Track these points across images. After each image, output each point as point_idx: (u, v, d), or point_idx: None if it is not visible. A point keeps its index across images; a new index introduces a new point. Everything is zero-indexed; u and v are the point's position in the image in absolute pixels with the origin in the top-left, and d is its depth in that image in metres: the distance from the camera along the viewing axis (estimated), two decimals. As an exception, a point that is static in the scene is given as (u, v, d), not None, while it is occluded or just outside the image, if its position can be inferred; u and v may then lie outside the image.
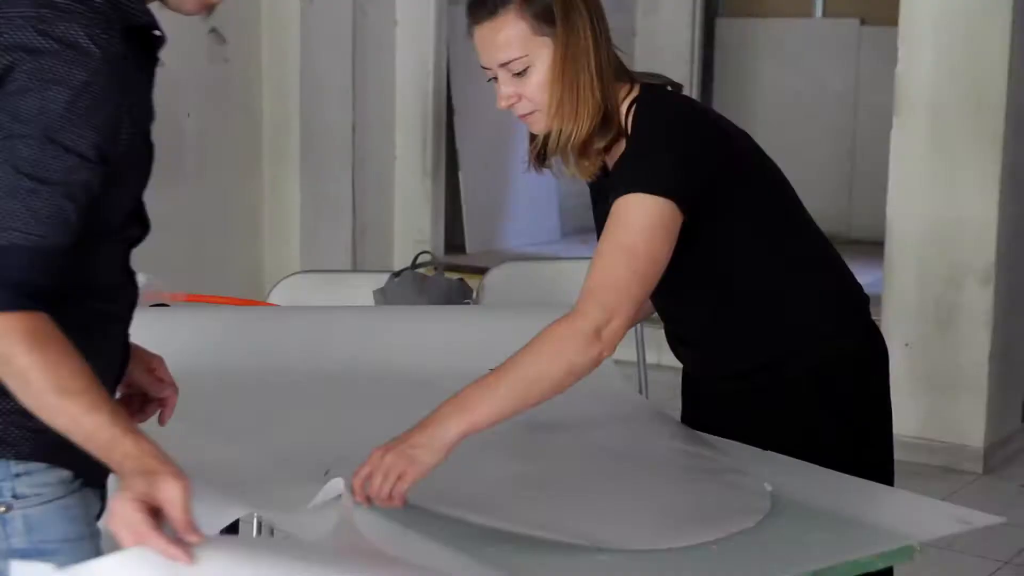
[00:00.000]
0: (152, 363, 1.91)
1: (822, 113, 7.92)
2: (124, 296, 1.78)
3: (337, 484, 1.76)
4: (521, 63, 1.99)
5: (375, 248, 6.57)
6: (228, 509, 1.81)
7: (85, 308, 1.67)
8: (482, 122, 7.08)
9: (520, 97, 2.02)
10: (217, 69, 5.71)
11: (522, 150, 2.13)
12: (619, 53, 2.08)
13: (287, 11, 5.87)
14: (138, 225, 1.78)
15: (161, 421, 1.90)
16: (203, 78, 5.63)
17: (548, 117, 2.01)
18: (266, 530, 2.40)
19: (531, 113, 2.03)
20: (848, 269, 2.27)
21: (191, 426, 2.06)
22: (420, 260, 3.73)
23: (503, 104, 2.04)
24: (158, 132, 1.73)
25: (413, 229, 6.73)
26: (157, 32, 1.69)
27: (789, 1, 8.24)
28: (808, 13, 8.20)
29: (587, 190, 2.22)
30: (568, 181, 2.25)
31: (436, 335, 2.67)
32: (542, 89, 1.99)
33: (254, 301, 3.54)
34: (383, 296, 3.30)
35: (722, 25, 8.26)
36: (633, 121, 2.02)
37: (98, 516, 1.78)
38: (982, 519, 1.78)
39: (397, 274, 3.36)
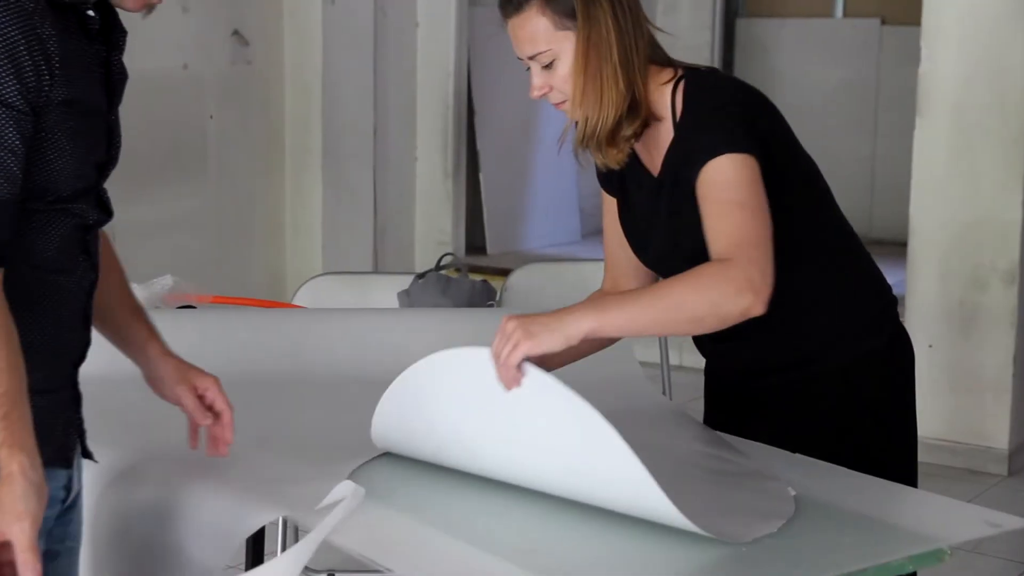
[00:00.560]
0: (203, 385, 1.93)
1: (843, 113, 7.90)
2: (80, 275, 1.78)
3: (346, 486, 1.78)
4: (547, 56, 2.04)
5: (396, 249, 6.59)
6: (256, 515, 1.82)
7: (30, 271, 1.68)
8: (502, 123, 7.09)
9: (551, 87, 2.07)
10: (239, 71, 5.73)
11: (542, 151, 2.17)
12: (658, 32, 2.12)
13: (309, 13, 5.90)
14: (97, 209, 1.77)
15: (218, 451, 1.94)
16: (226, 80, 5.65)
17: (574, 107, 2.05)
18: (291, 531, 2.41)
19: (563, 102, 2.08)
20: (878, 269, 2.26)
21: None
22: (444, 262, 3.73)
23: (535, 94, 2.09)
24: (181, 134, 1.77)
25: (434, 230, 6.74)
26: (91, 13, 1.71)
27: (809, 1, 8.23)
28: (828, 13, 8.19)
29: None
30: (589, 181, 2.27)
31: (462, 338, 2.67)
32: (568, 80, 2.04)
33: (280, 303, 3.55)
34: (407, 297, 3.31)
35: (742, 25, 8.25)
36: (684, 97, 2.05)
37: (64, 500, 1.79)
38: (1011, 522, 1.77)
39: (421, 276, 3.37)
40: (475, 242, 7.05)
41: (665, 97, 2.07)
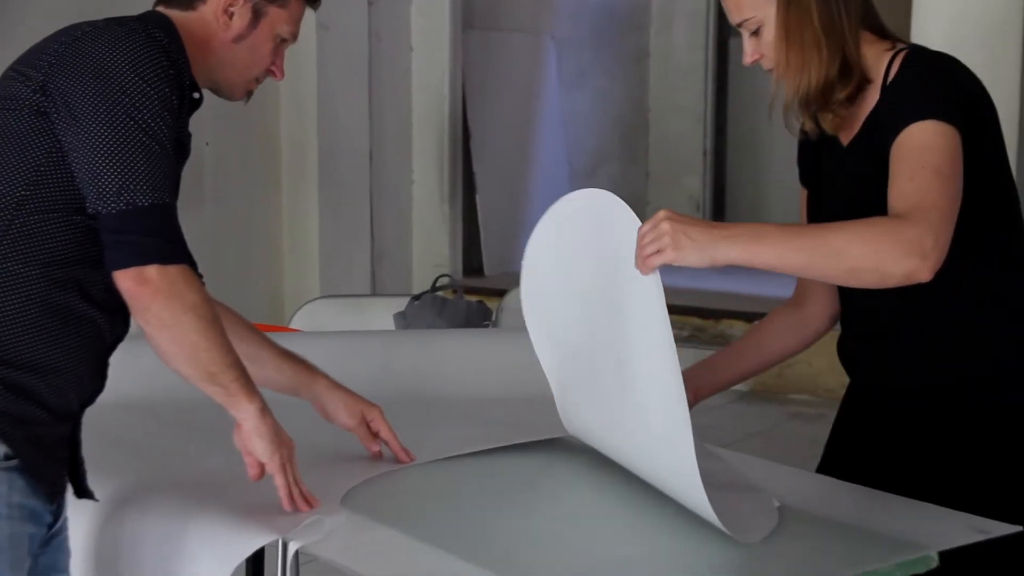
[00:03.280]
0: (370, 416, 2.11)
1: (837, 130, 7.92)
2: (116, 323, 1.88)
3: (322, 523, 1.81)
4: (753, 23, 2.03)
5: (394, 272, 6.62)
6: (251, 538, 1.84)
7: (79, 297, 1.81)
8: (498, 146, 7.13)
9: (761, 54, 2.05)
10: (235, 98, 5.77)
11: (537, 173, 2.17)
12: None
13: (303, 38, 5.90)
14: None
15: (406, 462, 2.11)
16: (221, 106, 5.65)
17: (779, 72, 2.03)
18: (291, 553, 2.42)
19: (774, 68, 2.06)
20: None
21: (218, 452, 2.10)
22: (439, 283, 3.77)
23: (747, 60, 2.07)
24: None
25: (431, 252, 6.77)
26: (196, 95, 1.96)
27: (801, 19, 8.28)
28: (821, 31, 8.23)
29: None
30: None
31: (456, 359, 2.70)
32: (773, 47, 2.03)
33: (276, 327, 3.58)
34: (403, 319, 3.34)
35: (735, 44, 8.29)
36: (902, 64, 1.99)
37: (51, 525, 1.88)
38: (999, 528, 1.79)
39: (417, 297, 3.40)
40: (473, 264, 7.08)
41: (881, 63, 2.01)
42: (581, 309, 2.01)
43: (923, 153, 1.88)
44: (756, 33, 2.03)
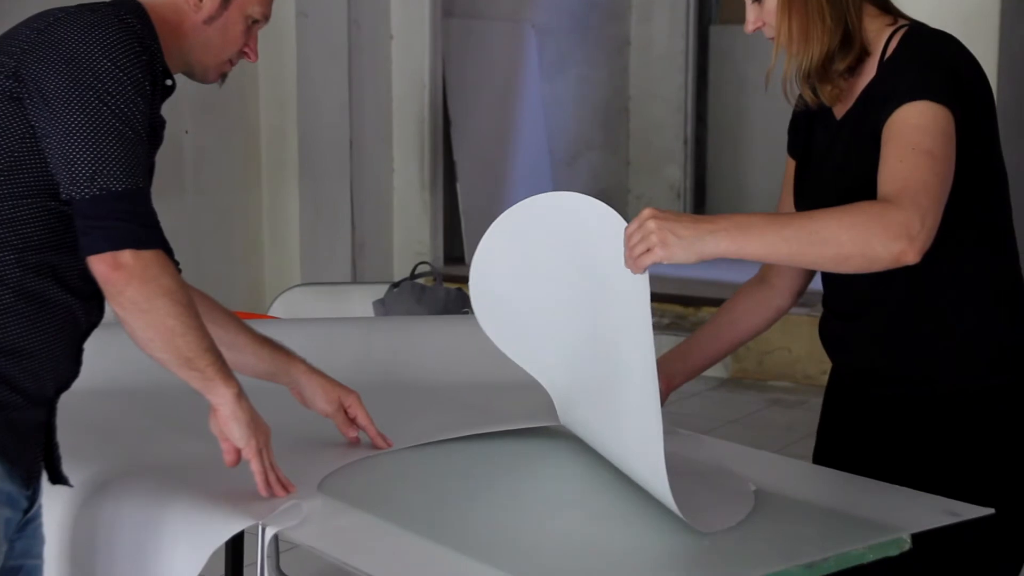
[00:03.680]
0: (347, 401, 2.11)
1: (817, 118, 7.94)
2: (90, 309, 1.89)
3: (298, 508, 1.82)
4: None
5: (374, 260, 6.62)
6: (233, 521, 1.84)
7: (53, 282, 1.81)
8: (479, 134, 7.13)
9: (763, 23, 2.03)
10: (214, 85, 5.75)
11: (518, 161, 2.16)
12: None
13: (283, 26, 5.93)
14: None
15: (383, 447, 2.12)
16: (200, 94, 5.63)
17: (779, 42, 2.01)
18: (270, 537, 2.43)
19: (775, 37, 2.03)
20: None
21: (194, 438, 2.10)
22: (419, 271, 3.77)
23: (748, 28, 2.06)
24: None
25: (412, 241, 6.77)
26: (169, 82, 1.95)
27: (782, 7, 8.29)
28: (801, 19, 8.24)
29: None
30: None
31: (434, 345, 2.70)
32: (775, 15, 2.00)
33: (255, 314, 3.58)
34: (383, 307, 3.34)
35: (715, 32, 8.31)
36: (900, 40, 1.98)
37: (27, 511, 1.89)
38: (970, 511, 1.80)
39: (396, 285, 3.40)
40: (454, 252, 7.08)
41: (881, 37, 1.99)
42: (564, 309, 2.01)
43: (915, 134, 1.86)
44: (758, 0, 2.01)
